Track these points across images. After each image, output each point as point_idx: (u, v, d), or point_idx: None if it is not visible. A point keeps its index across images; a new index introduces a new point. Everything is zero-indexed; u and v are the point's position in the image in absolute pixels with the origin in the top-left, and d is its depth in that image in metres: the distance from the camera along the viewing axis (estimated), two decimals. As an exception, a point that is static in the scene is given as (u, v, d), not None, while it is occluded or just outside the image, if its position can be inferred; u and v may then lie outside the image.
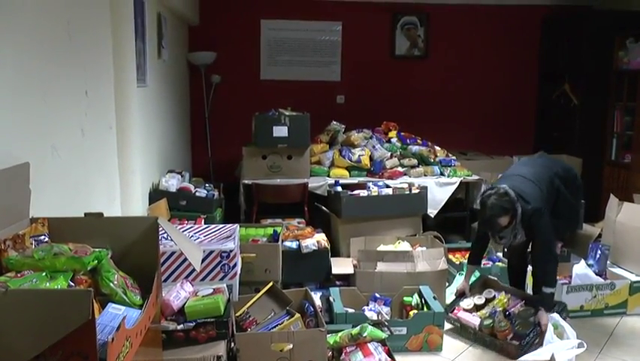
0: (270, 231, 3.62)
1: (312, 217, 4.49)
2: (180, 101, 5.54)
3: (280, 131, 4.54)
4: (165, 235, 2.29)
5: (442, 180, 4.72)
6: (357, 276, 3.53)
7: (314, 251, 3.66)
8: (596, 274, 3.79)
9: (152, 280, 1.66)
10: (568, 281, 3.66)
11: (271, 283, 2.84)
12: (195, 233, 2.96)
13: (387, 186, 4.34)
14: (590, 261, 3.94)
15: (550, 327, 3.02)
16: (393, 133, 5.18)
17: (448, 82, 6.39)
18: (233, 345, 2.48)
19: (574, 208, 3.50)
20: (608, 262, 3.97)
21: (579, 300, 3.56)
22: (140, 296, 1.63)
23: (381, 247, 3.84)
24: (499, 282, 3.57)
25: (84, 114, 2.49)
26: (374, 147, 4.89)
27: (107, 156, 2.88)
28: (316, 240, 3.75)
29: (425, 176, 4.79)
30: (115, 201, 2.97)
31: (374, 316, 3.19)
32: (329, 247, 3.76)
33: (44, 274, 1.44)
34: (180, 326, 2.26)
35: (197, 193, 4.21)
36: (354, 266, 3.68)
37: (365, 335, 2.76)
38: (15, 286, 1.36)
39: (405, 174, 4.78)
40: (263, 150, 4.61)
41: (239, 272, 2.68)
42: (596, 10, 5.95)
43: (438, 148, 5.12)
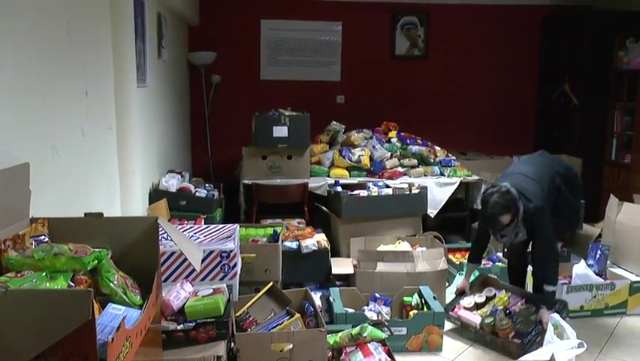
0: (270, 231, 3.62)
1: (312, 217, 4.49)
2: (180, 101, 5.54)
3: (280, 131, 4.54)
4: (165, 235, 2.29)
5: (442, 180, 4.72)
6: (357, 276, 3.53)
7: (314, 251, 3.66)
8: (596, 274, 3.79)
9: (152, 280, 1.66)
10: (568, 281, 3.66)
11: (271, 283, 2.84)
12: (195, 233, 2.96)
13: (387, 186, 4.34)
14: (590, 261, 3.94)
15: (550, 327, 3.02)
16: (393, 133, 5.18)
17: (448, 82, 6.39)
18: (233, 345, 2.48)
19: (574, 207, 3.50)
20: (608, 262, 3.97)
21: (579, 300, 3.56)
22: (140, 296, 1.63)
23: (381, 247, 3.84)
24: (498, 280, 3.57)
25: (84, 114, 2.49)
26: (374, 147, 4.89)
27: (107, 156, 2.88)
28: (316, 240, 3.75)
29: (425, 176, 4.79)
30: (115, 201, 2.97)
31: (374, 316, 3.19)
32: (329, 247, 3.76)
33: (44, 274, 1.44)
34: (180, 326, 2.26)
35: (197, 193, 4.21)
36: (354, 266, 3.68)
37: (365, 335, 2.75)
38: (15, 286, 1.36)
39: (405, 174, 4.78)
40: (263, 150, 4.61)
41: (239, 272, 2.68)
42: (596, 10, 5.94)
43: (438, 148, 5.12)
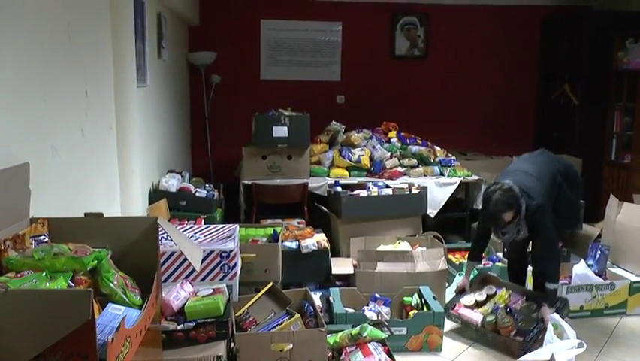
0: (270, 231, 3.62)
1: (312, 217, 4.49)
2: (180, 101, 5.54)
3: (280, 131, 4.54)
4: (165, 235, 2.29)
5: (441, 180, 4.72)
6: (357, 276, 3.53)
7: (314, 251, 3.66)
8: (596, 274, 3.79)
9: (152, 280, 1.66)
10: (568, 281, 3.66)
11: (271, 284, 2.84)
12: (195, 233, 2.96)
13: (387, 186, 4.34)
14: (590, 261, 3.94)
15: (550, 327, 3.01)
16: (393, 133, 5.18)
17: (448, 82, 6.39)
18: (233, 345, 2.48)
19: (574, 206, 3.49)
20: (607, 263, 3.97)
21: (579, 300, 3.56)
22: (140, 296, 1.63)
23: (381, 247, 3.84)
24: (498, 278, 3.57)
25: (84, 115, 2.49)
26: (374, 147, 4.89)
27: (107, 156, 2.88)
28: (316, 240, 3.75)
29: (425, 176, 4.79)
30: (115, 201, 2.97)
31: (374, 316, 3.19)
32: (329, 247, 3.76)
33: (44, 274, 1.44)
34: (180, 326, 2.26)
35: (197, 193, 4.21)
36: (354, 266, 3.68)
37: (365, 335, 2.75)
38: (15, 286, 1.36)
39: (405, 174, 4.78)
40: (263, 150, 4.61)
41: (239, 272, 2.68)
42: (596, 11, 5.95)
43: (438, 148, 5.12)
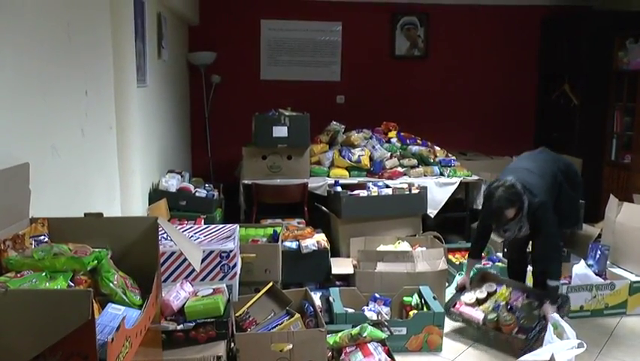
0: (270, 231, 3.62)
1: (312, 217, 4.49)
2: (180, 101, 5.54)
3: (280, 131, 4.54)
4: (165, 235, 2.29)
5: (441, 180, 4.72)
6: (357, 276, 3.53)
7: (314, 251, 3.66)
8: (596, 274, 3.79)
9: (152, 280, 1.66)
10: (568, 281, 3.66)
11: (271, 284, 2.84)
12: (195, 233, 2.96)
13: (387, 186, 4.34)
14: (590, 261, 3.94)
15: (550, 327, 3.02)
16: (393, 133, 5.18)
17: (448, 82, 6.39)
18: (233, 345, 2.48)
19: (574, 205, 3.49)
20: (607, 263, 3.98)
21: (579, 300, 3.56)
22: (140, 296, 1.63)
23: (381, 247, 3.84)
24: (498, 275, 3.56)
25: (84, 114, 2.49)
26: (374, 147, 4.89)
27: (107, 156, 2.88)
28: (316, 240, 3.75)
29: (425, 176, 4.79)
30: (115, 201, 2.97)
31: (374, 316, 3.19)
32: (329, 247, 3.76)
33: (44, 274, 1.44)
34: (180, 326, 2.26)
35: (197, 193, 4.21)
36: (354, 266, 3.68)
37: (365, 335, 2.75)
38: (15, 286, 1.36)
39: (405, 175, 4.78)
40: (263, 150, 4.61)
41: (239, 272, 2.68)
42: (596, 11, 5.95)
43: (438, 148, 5.13)
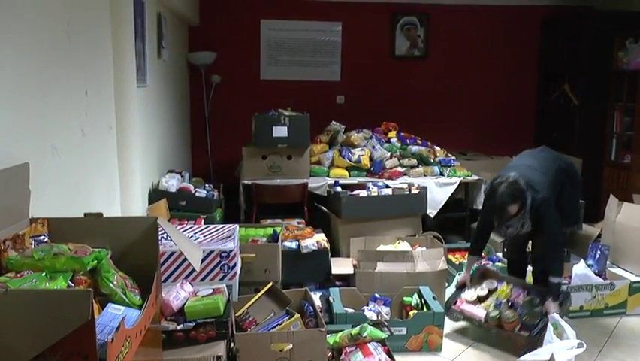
0: (270, 231, 3.62)
1: (312, 217, 4.49)
2: (180, 101, 5.54)
3: (280, 131, 4.54)
4: (165, 235, 2.29)
5: (441, 180, 4.72)
6: (357, 276, 3.53)
7: (314, 251, 3.66)
8: (596, 274, 3.79)
9: (152, 280, 1.66)
10: (568, 281, 3.66)
11: (271, 284, 2.84)
12: (195, 233, 2.96)
13: (387, 186, 4.34)
14: (590, 261, 3.94)
15: (550, 327, 3.02)
16: (392, 133, 5.18)
17: (448, 82, 6.39)
18: (232, 345, 2.48)
19: (574, 204, 3.49)
20: (607, 263, 3.97)
21: (579, 300, 3.56)
22: (140, 296, 1.63)
23: (381, 247, 3.84)
24: (497, 272, 3.56)
25: (84, 114, 2.49)
26: (374, 147, 4.89)
27: (107, 156, 2.88)
28: (316, 240, 3.74)
29: (425, 176, 4.79)
30: (115, 201, 2.97)
31: (374, 316, 3.19)
32: (329, 247, 3.76)
33: (44, 274, 1.44)
34: (180, 326, 2.26)
35: (197, 193, 4.21)
36: (354, 266, 3.68)
37: (365, 335, 2.75)
38: (15, 286, 1.36)
39: (405, 175, 4.78)
40: (263, 150, 4.61)
41: (238, 272, 2.68)
42: (596, 11, 5.95)
43: (438, 148, 5.12)
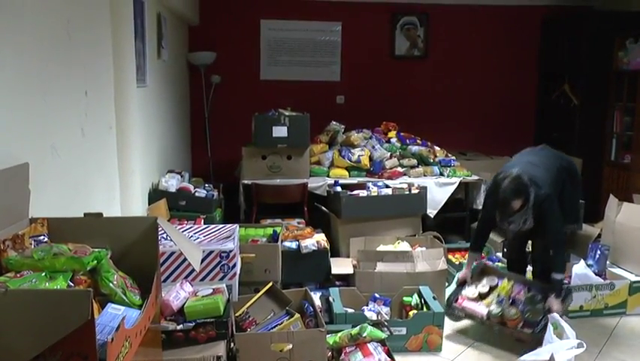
0: (270, 231, 3.62)
1: (312, 217, 4.48)
2: (180, 101, 5.54)
3: (280, 131, 4.54)
4: (165, 235, 2.29)
5: (441, 180, 4.72)
6: (357, 276, 3.53)
7: (314, 251, 3.66)
8: (596, 274, 3.79)
9: (152, 280, 1.66)
10: (567, 281, 3.66)
11: (271, 284, 2.84)
12: (195, 233, 2.96)
13: (387, 186, 4.34)
14: (590, 261, 3.94)
15: (550, 327, 3.02)
16: (392, 133, 5.18)
17: (447, 82, 6.39)
18: (232, 345, 2.48)
19: (574, 202, 3.49)
20: (607, 263, 3.97)
21: (579, 300, 3.56)
22: (140, 296, 1.63)
23: (381, 247, 3.84)
24: (497, 268, 3.56)
25: (84, 114, 2.49)
26: (374, 147, 4.89)
27: (107, 156, 2.88)
28: (316, 240, 3.75)
29: (425, 176, 4.79)
30: (114, 201, 2.97)
31: (374, 316, 3.19)
32: (329, 247, 3.76)
33: (44, 274, 1.44)
34: (180, 326, 2.26)
35: (197, 193, 4.21)
36: (353, 266, 3.68)
37: (365, 335, 2.75)
38: (14, 286, 1.36)
39: (404, 175, 4.78)
40: (262, 150, 4.61)
41: (238, 272, 2.68)
42: (596, 11, 5.95)
43: (437, 148, 5.12)
